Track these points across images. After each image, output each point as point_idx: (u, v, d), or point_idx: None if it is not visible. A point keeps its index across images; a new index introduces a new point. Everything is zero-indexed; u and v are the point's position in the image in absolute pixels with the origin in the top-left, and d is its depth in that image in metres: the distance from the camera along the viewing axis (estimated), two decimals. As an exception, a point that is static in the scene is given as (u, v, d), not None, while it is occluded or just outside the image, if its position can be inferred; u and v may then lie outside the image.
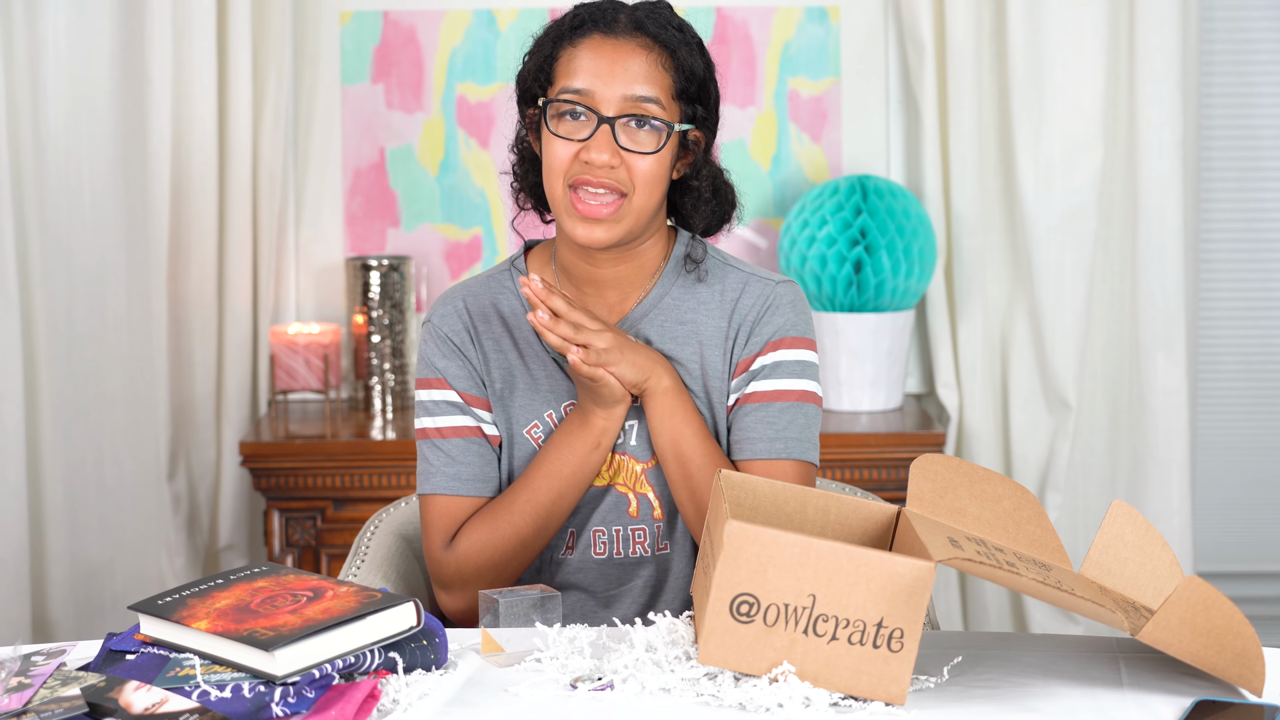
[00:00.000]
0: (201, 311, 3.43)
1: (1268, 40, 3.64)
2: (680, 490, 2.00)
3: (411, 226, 3.57)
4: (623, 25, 1.96)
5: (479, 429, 2.04)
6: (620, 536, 2.06)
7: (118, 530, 3.46)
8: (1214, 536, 3.71)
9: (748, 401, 2.02)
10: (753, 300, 2.03)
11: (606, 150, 1.92)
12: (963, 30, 3.38)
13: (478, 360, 2.05)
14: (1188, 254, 3.45)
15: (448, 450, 2.04)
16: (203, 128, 3.38)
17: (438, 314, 2.06)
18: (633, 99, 1.93)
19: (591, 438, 1.99)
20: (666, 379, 1.98)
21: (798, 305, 2.04)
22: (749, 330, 2.03)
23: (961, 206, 3.45)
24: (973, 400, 3.48)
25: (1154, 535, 1.79)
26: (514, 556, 2.01)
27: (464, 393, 2.04)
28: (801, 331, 2.04)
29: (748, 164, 3.57)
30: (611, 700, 1.60)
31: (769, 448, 2.00)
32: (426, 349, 2.06)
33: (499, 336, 2.05)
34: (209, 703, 1.53)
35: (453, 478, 2.03)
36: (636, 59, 1.95)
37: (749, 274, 2.06)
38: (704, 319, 2.04)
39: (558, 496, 2.00)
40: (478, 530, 2.02)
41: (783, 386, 2.02)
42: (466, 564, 2.01)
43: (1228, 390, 3.73)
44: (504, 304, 2.07)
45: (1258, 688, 1.62)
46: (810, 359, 2.04)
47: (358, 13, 3.54)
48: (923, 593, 1.56)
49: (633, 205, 1.95)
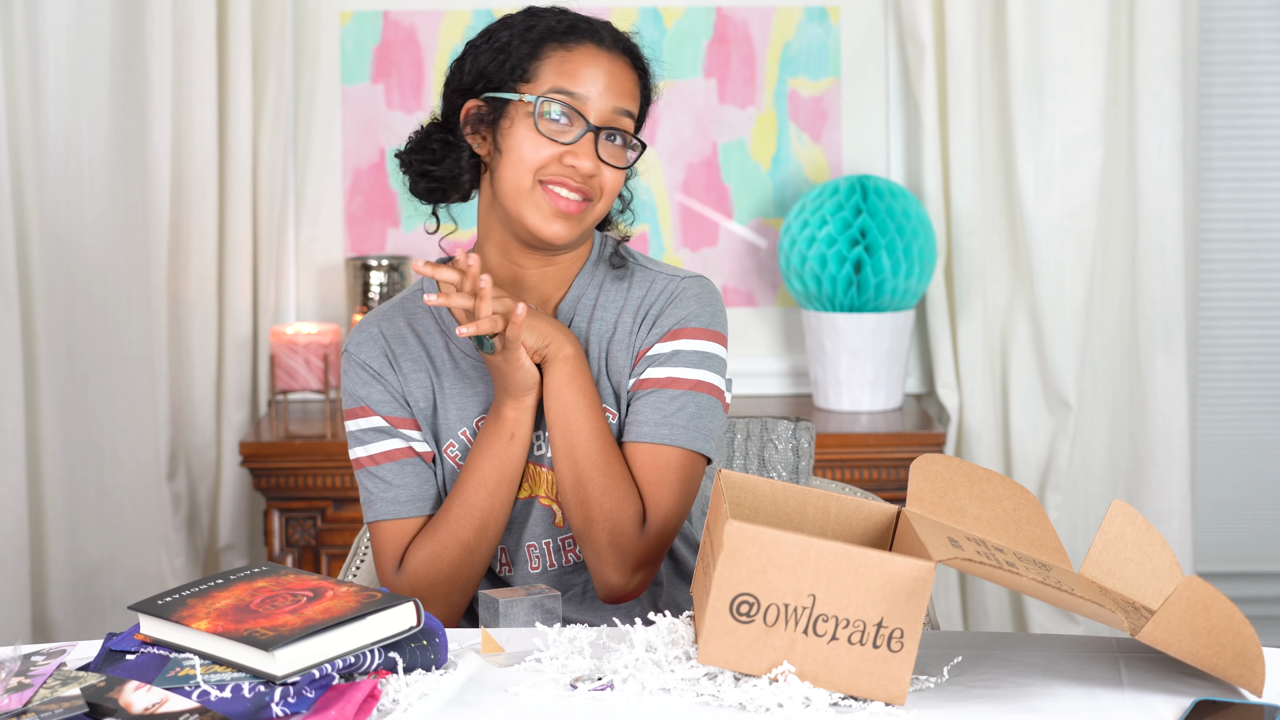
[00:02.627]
0: (201, 311, 3.43)
1: (1268, 40, 3.64)
2: (561, 459, 1.98)
3: (411, 226, 3.57)
4: (610, 41, 1.99)
5: (410, 449, 2.04)
6: (551, 549, 2.06)
7: (118, 530, 3.46)
8: (1214, 536, 3.71)
9: (641, 387, 2.01)
10: (657, 294, 2.03)
11: (590, 158, 1.95)
12: (963, 30, 3.38)
13: (398, 382, 2.04)
14: (1188, 254, 3.45)
15: (383, 476, 2.03)
16: (203, 128, 3.38)
17: (354, 343, 2.06)
18: (618, 112, 1.97)
19: (505, 430, 1.97)
20: (568, 347, 1.97)
21: (704, 298, 2.04)
22: (652, 321, 2.03)
23: (961, 206, 3.45)
24: (973, 400, 3.48)
25: (1154, 535, 1.80)
26: (461, 564, 1.99)
27: (389, 416, 2.03)
28: (705, 324, 2.02)
29: (748, 164, 3.57)
30: (611, 700, 1.60)
31: (654, 432, 1.98)
32: (347, 380, 2.05)
33: (416, 356, 2.04)
34: (209, 703, 1.53)
35: (392, 501, 2.03)
36: (625, 76, 1.99)
37: (657, 272, 2.06)
38: (612, 316, 2.04)
39: (488, 496, 1.98)
40: (421, 547, 2.01)
41: (678, 375, 2.00)
42: (418, 581, 2.00)
43: (1228, 390, 3.73)
44: (418, 323, 2.06)
45: (1258, 688, 1.62)
46: (713, 351, 2.02)
47: (358, 13, 3.54)
48: (923, 593, 1.56)
49: (594, 212, 1.99)
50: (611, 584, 1.98)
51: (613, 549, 1.97)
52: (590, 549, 1.99)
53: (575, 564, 2.06)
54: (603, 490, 1.96)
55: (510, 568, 2.07)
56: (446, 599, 2.01)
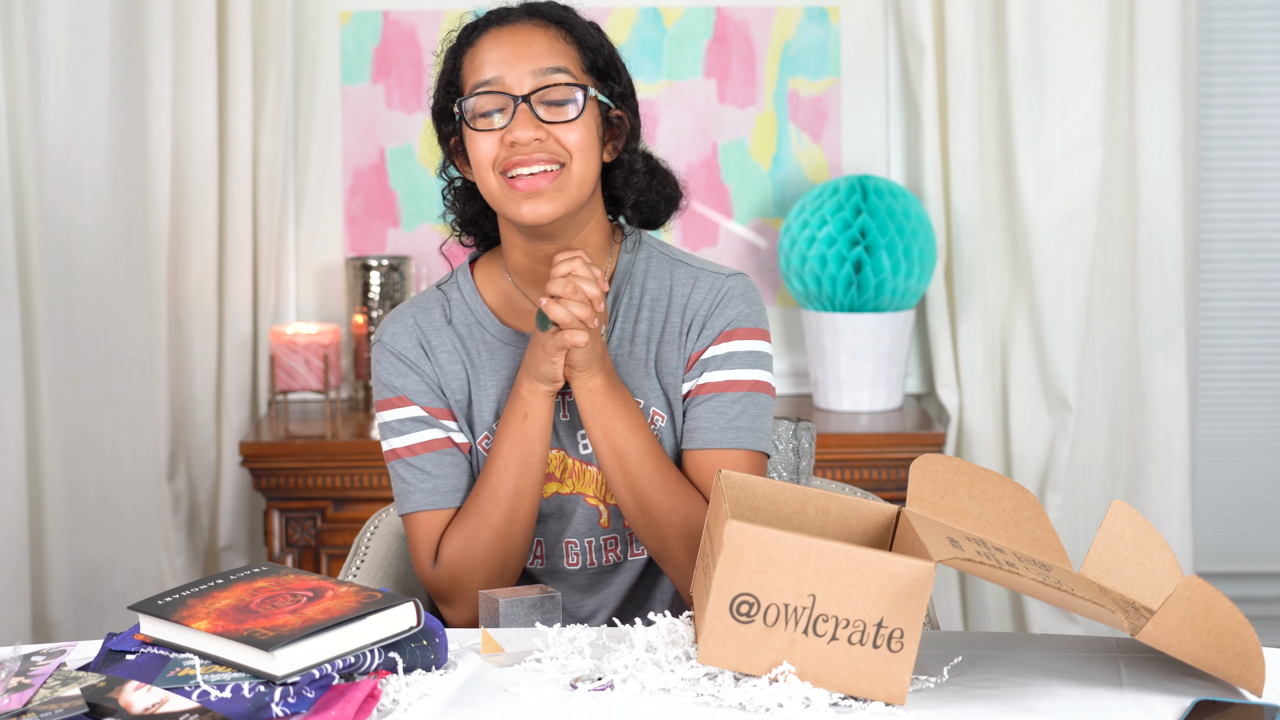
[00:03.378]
0: (201, 311, 3.43)
1: (1268, 40, 3.64)
2: (618, 485, 1.98)
3: (411, 226, 3.57)
4: (516, 14, 1.98)
5: (449, 439, 2.03)
6: (593, 547, 2.05)
7: (118, 530, 3.46)
8: (1214, 536, 3.71)
9: (700, 392, 2.01)
10: (704, 295, 2.02)
11: (530, 126, 1.92)
12: (963, 30, 3.38)
13: (434, 372, 2.03)
14: (1188, 254, 3.45)
15: (422, 466, 2.02)
16: (203, 128, 3.38)
17: (388, 333, 2.05)
18: (543, 72, 1.94)
19: (520, 408, 1.97)
20: (599, 378, 1.95)
21: (750, 296, 2.04)
22: (702, 323, 2.02)
23: (961, 206, 3.45)
24: (973, 400, 3.48)
25: (1154, 535, 1.80)
26: (494, 548, 1.99)
27: (427, 406, 2.02)
28: (754, 323, 2.03)
29: (748, 164, 3.57)
30: (611, 700, 1.60)
31: (720, 437, 1.99)
32: (381, 370, 2.04)
33: (451, 348, 2.04)
34: (209, 703, 1.53)
35: (431, 492, 2.01)
36: (535, 37, 1.96)
37: (699, 269, 2.05)
38: (659, 315, 2.03)
39: (512, 477, 1.97)
40: (455, 535, 2.00)
41: (736, 376, 2.01)
42: (455, 569, 1.99)
43: (1228, 390, 3.73)
44: (454, 314, 2.06)
45: (1258, 688, 1.62)
46: (763, 349, 2.03)
47: (358, 13, 3.54)
48: (923, 593, 1.56)
49: (572, 174, 1.94)
50: None
51: (691, 559, 1.96)
52: (670, 564, 1.99)
53: (614, 564, 2.06)
54: (669, 508, 1.97)
55: (543, 561, 2.06)
56: (485, 584, 2.00)
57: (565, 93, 1.94)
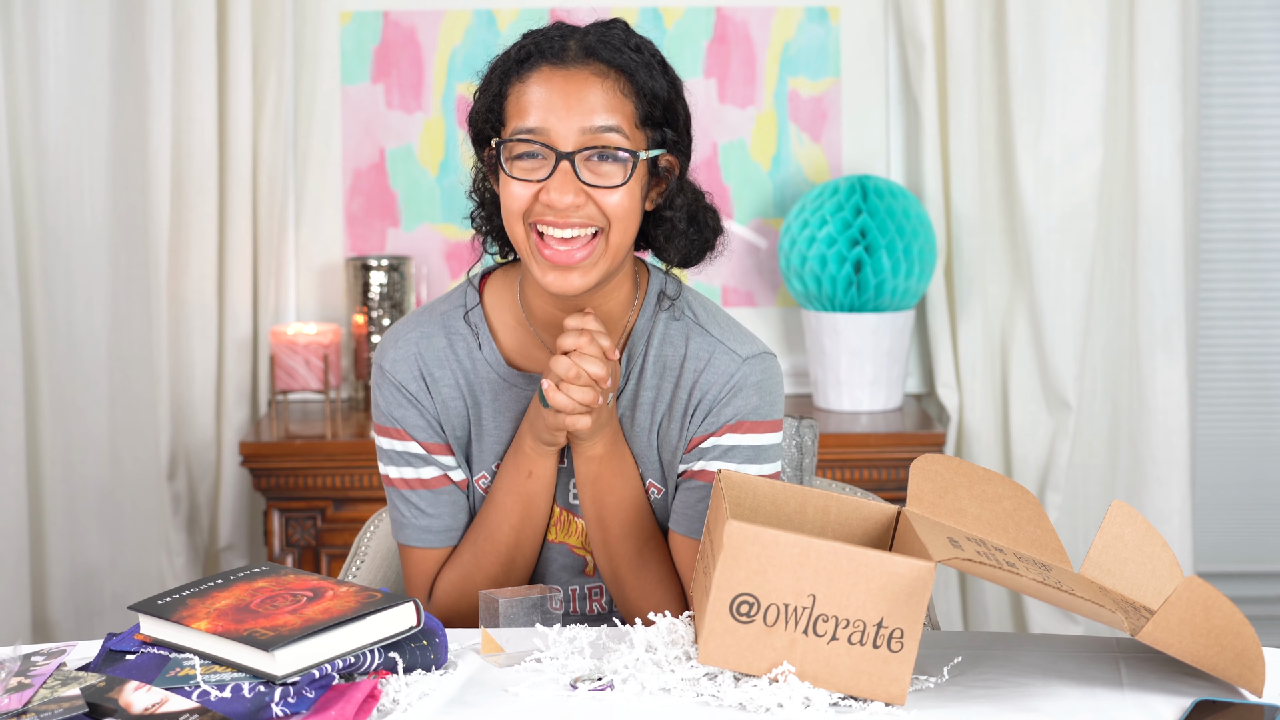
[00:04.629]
0: (201, 311, 3.43)
1: (1268, 40, 3.64)
2: (599, 552, 1.96)
3: (411, 226, 3.57)
4: (573, 53, 1.82)
5: (445, 476, 1.97)
6: (577, 595, 2.03)
7: (118, 530, 3.46)
8: (1214, 536, 3.71)
9: (693, 477, 1.93)
10: (715, 377, 1.90)
11: (570, 190, 1.79)
12: (963, 30, 3.38)
13: (434, 407, 1.94)
14: (1188, 254, 3.45)
15: (416, 503, 1.97)
16: (203, 128, 3.38)
17: (389, 360, 1.94)
18: (592, 130, 1.80)
19: (524, 465, 1.92)
20: (599, 447, 1.89)
21: (764, 386, 1.92)
22: (708, 409, 1.91)
23: (961, 206, 3.45)
24: (973, 400, 3.48)
25: (1154, 535, 1.80)
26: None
27: (425, 443, 1.95)
28: (764, 415, 1.92)
29: (748, 164, 3.57)
30: (611, 700, 1.60)
31: (696, 527, 1.93)
32: (381, 397, 1.95)
33: (454, 383, 1.94)
34: (209, 703, 1.53)
35: (424, 530, 1.98)
36: (591, 88, 1.81)
37: (718, 342, 1.92)
38: (668, 385, 1.93)
39: (513, 530, 1.94)
40: (450, 575, 1.98)
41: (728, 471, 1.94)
42: (449, 611, 1.98)
43: (1228, 390, 3.73)
44: (459, 346, 1.95)
45: (1258, 688, 1.62)
46: (768, 442, 1.93)
47: (358, 13, 3.54)
48: (923, 593, 1.56)
49: (610, 243, 1.82)
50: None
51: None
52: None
53: (599, 615, 2.03)
54: (641, 593, 1.95)
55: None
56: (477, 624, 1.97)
57: (614, 155, 1.81)
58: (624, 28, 1.88)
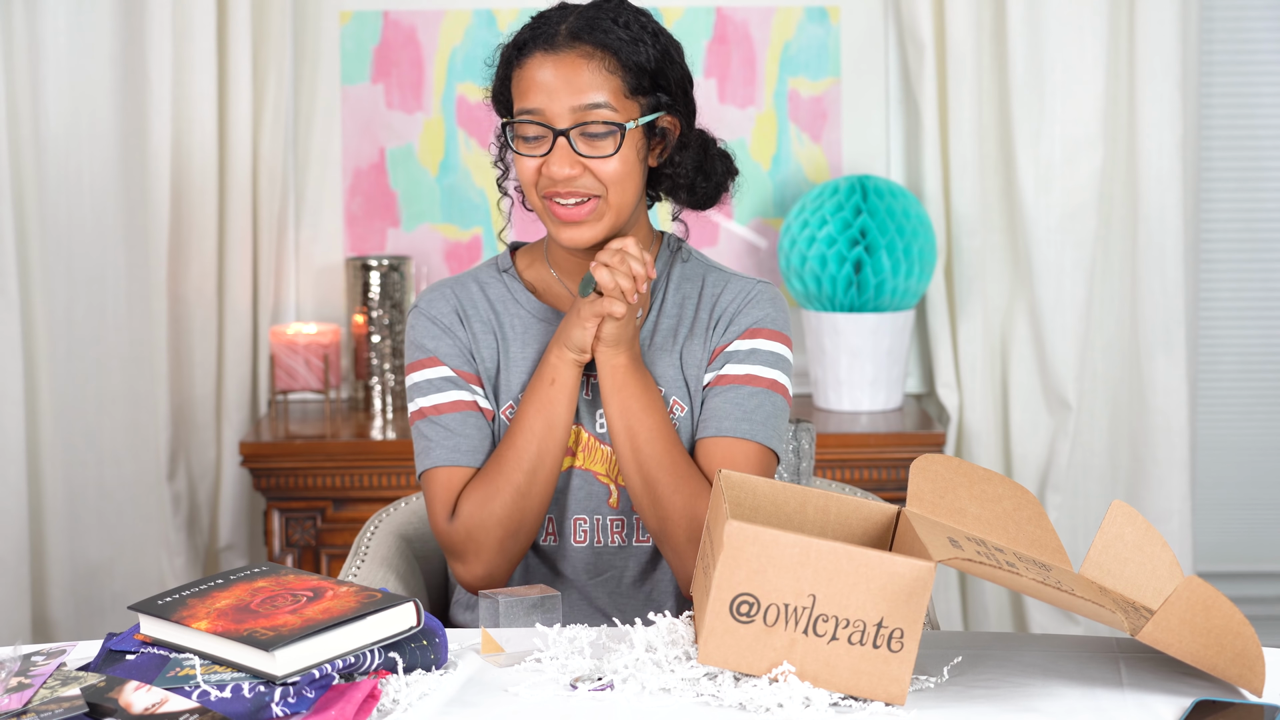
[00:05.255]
0: (201, 311, 3.43)
1: (1268, 40, 3.64)
2: (627, 463, 2.02)
3: (411, 226, 3.57)
4: (562, 38, 2.00)
5: (474, 403, 2.08)
6: (599, 526, 2.09)
7: (118, 530, 3.46)
8: (1214, 536, 3.71)
9: (720, 383, 2.06)
10: (733, 295, 2.09)
11: (566, 163, 1.98)
12: (963, 30, 3.38)
13: (467, 339, 2.10)
14: (1188, 254, 3.45)
15: (446, 424, 2.06)
16: (203, 128, 3.38)
17: (425, 299, 2.12)
18: (582, 108, 1.98)
19: (547, 374, 2.03)
20: (623, 357, 2.01)
21: (778, 303, 2.10)
22: (729, 320, 2.08)
23: (961, 206, 3.45)
24: (973, 400, 3.48)
25: (1154, 535, 1.80)
26: (514, 507, 2.02)
27: (458, 369, 2.08)
28: (780, 327, 2.09)
29: (748, 164, 3.57)
30: (611, 700, 1.60)
31: (734, 426, 2.03)
32: (416, 333, 2.10)
33: (485, 319, 2.10)
34: (209, 703, 1.53)
35: (453, 449, 2.06)
36: (578, 70, 1.99)
37: (730, 274, 2.12)
38: (689, 312, 2.09)
39: (538, 440, 2.02)
40: (474, 492, 2.04)
41: (756, 372, 2.05)
42: (473, 525, 2.03)
43: (1228, 390, 3.73)
44: (491, 292, 2.12)
45: (1258, 688, 1.62)
46: (785, 353, 2.08)
47: (358, 13, 3.54)
48: (923, 593, 1.56)
49: (609, 203, 2.01)
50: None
51: (691, 544, 2.00)
52: (669, 548, 2.02)
53: (619, 546, 2.09)
54: (673, 489, 2.00)
55: (556, 538, 2.09)
56: (500, 544, 2.03)
57: (603, 128, 1.99)
58: (616, 5, 2.05)
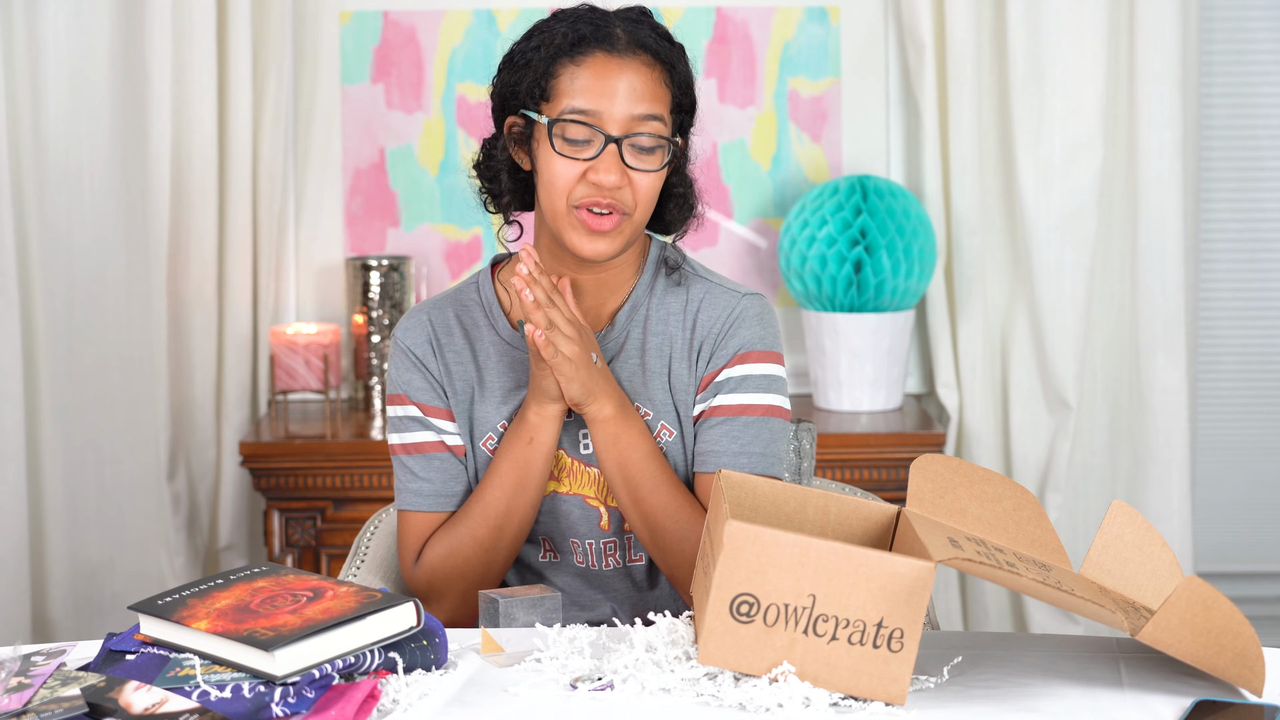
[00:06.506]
0: (201, 311, 3.43)
1: (1268, 40, 3.64)
2: (631, 513, 1.99)
3: (411, 226, 3.57)
4: (624, 42, 1.95)
5: (441, 442, 2.04)
6: (594, 550, 2.06)
7: (118, 530, 3.46)
8: (1214, 536, 3.71)
9: (713, 415, 2.01)
10: (717, 313, 2.02)
11: (615, 171, 1.92)
12: (963, 30, 3.38)
13: (439, 371, 2.04)
14: (1188, 254, 3.45)
15: (411, 467, 2.04)
16: (203, 128, 3.38)
17: (402, 329, 2.07)
18: (638, 118, 1.93)
19: (525, 433, 1.98)
20: (609, 408, 1.96)
21: (764, 319, 2.03)
22: (714, 344, 2.02)
23: (961, 206, 3.45)
24: (973, 400, 3.48)
25: (1154, 535, 1.80)
26: (475, 561, 2.00)
27: (424, 405, 2.04)
28: (768, 346, 2.02)
29: (748, 164, 3.57)
30: (611, 700, 1.60)
31: (733, 461, 1.99)
32: (391, 365, 2.07)
33: (460, 349, 2.05)
34: (209, 703, 1.53)
35: (416, 494, 2.04)
36: (641, 78, 1.94)
37: (715, 284, 2.05)
38: (673, 330, 2.04)
39: (506, 497, 1.99)
40: (439, 542, 2.02)
41: (748, 401, 2.01)
42: (434, 575, 2.02)
43: (1228, 390, 3.73)
44: (466, 317, 2.06)
45: (1258, 688, 1.62)
46: (777, 373, 2.03)
47: (358, 13, 3.54)
48: (923, 593, 1.56)
49: (634, 221, 1.96)
50: None
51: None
52: (679, 587, 2.01)
53: (614, 569, 2.06)
54: (680, 537, 1.98)
55: (556, 555, 2.07)
56: (462, 596, 2.01)
57: (655, 142, 1.95)
58: (651, 16, 2.02)
